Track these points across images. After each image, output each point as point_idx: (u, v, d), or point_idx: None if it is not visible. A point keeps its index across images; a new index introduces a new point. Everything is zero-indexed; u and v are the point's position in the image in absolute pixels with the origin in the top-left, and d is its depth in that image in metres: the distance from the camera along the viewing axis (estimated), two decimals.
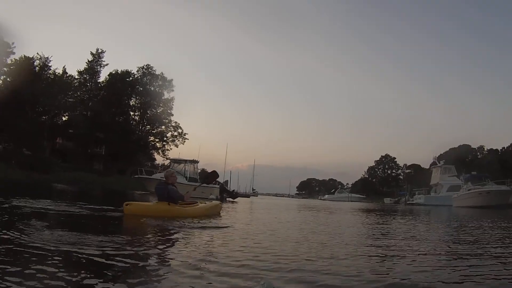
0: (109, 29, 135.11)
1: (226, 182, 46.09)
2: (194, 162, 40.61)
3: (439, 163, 59.70)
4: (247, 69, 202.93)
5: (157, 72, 61.25)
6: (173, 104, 62.08)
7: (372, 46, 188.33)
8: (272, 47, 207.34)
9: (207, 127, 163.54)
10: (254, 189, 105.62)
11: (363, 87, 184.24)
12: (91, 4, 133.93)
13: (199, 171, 43.96)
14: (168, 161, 43.31)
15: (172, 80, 61.83)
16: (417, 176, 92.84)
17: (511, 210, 32.13)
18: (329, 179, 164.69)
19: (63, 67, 52.74)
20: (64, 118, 55.23)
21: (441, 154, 66.76)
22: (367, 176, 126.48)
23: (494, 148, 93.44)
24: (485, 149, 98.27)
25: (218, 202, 14.24)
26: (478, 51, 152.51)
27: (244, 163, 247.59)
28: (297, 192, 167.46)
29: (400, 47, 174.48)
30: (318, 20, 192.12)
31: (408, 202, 60.43)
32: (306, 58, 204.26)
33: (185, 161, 39.72)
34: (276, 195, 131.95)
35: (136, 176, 36.98)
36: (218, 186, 34.80)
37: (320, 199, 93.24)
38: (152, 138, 61.86)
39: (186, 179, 36.76)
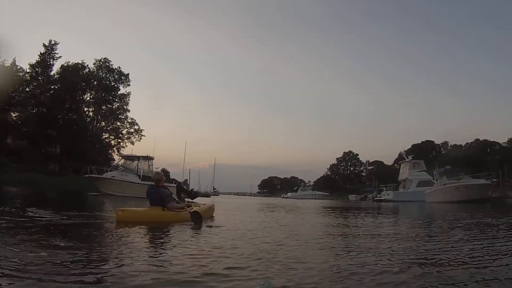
0: (65, 21, 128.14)
1: (186, 181, 43.35)
2: (149, 159, 36.88)
3: (408, 158, 58.47)
4: (209, 66, 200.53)
5: (115, 66, 58.66)
6: (129, 100, 60.09)
7: (335, 44, 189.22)
8: (237, 45, 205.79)
9: (166, 124, 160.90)
10: (215, 188, 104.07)
11: (325, 86, 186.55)
12: None
13: (159, 169, 40.72)
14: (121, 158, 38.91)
15: (128, 74, 59.93)
16: (380, 172, 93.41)
17: (494, 204, 31.36)
18: (290, 177, 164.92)
19: (13, 59, 48.26)
20: (13, 115, 50.63)
21: (404, 151, 66.00)
22: (329, 174, 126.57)
23: (458, 144, 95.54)
24: (449, 145, 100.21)
25: (211, 204, 13.27)
26: (440, 48, 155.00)
27: (205, 163, 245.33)
28: (259, 190, 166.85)
29: (364, 45, 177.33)
30: (282, 19, 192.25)
31: (376, 198, 59.27)
32: (270, 57, 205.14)
33: (139, 157, 36.08)
34: (238, 194, 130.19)
35: (87, 175, 33.58)
36: (175, 185, 32.01)
37: (283, 197, 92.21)
38: (106, 135, 58.88)
39: (140, 178, 33.85)
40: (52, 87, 52.54)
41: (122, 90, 60.26)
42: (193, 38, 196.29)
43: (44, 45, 51.60)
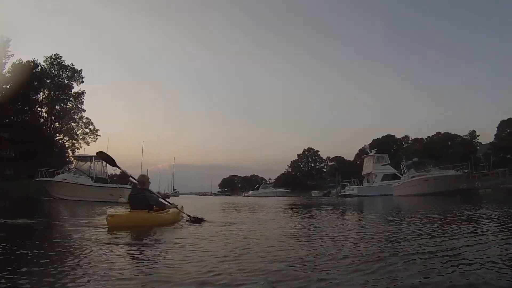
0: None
1: None
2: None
3: (371, 152, 57.23)
4: (167, 66, 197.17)
5: (67, 63, 55.76)
6: (83, 99, 57.20)
7: (293, 40, 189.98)
8: (197, 45, 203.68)
9: (122, 125, 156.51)
10: (175, 189, 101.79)
11: (285, 84, 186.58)
12: None
13: (114, 172, 38.03)
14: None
15: (81, 70, 57.27)
16: (341, 168, 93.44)
17: (466, 196, 30.68)
18: (251, 175, 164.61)
19: None
20: None
21: (367, 145, 65.55)
22: (290, 170, 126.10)
23: (419, 137, 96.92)
24: (410, 139, 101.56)
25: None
26: (401, 43, 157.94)
27: (165, 163, 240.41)
28: (220, 190, 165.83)
29: (324, 41, 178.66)
30: (239, 15, 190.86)
31: (340, 194, 58.39)
32: (229, 55, 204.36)
33: (91, 157, 33.11)
34: (198, 194, 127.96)
35: (38, 179, 30.89)
36: (131, 187, 29.77)
37: (244, 196, 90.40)
38: (61, 136, 55.69)
39: (92, 180, 31.51)
40: (4, 86, 49.83)
41: (76, 88, 58.33)
42: (144, 33, 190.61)
43: None
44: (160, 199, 9.77)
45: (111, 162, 11.22)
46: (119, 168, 11.52)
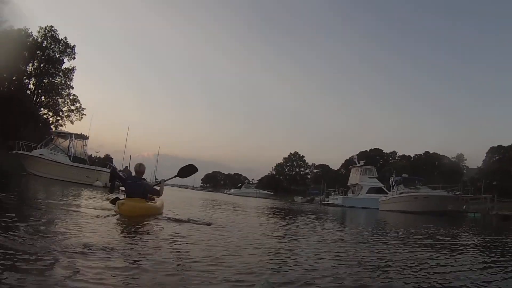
0: None
1: (126, 168, 39.94)
2: (83, 138, 33.12)
3: (359, 163, 55.91)
4: (174, 57, 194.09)
5: (61, 37, 54.24)
6: (73, 75, 55.45)
7: (307, 49, 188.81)
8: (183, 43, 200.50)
9: (110, 109, 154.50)
10: (157, 179, 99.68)
11: (285, 88, 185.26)
12: None
13: (97, 154, 36.59)
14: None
15: (74, 46, 55.44)
16: (326, 176, 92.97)
17: (454, 218, 29.84)
18: (234, 173, 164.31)
19: None
20: None
21: (355, 155, 64.99)
22: (274, 173, 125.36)
23: (407, 154, 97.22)
24: (398, 155, 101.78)
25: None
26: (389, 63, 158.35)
27: (150, 152, 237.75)
28: (202, 184, 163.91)
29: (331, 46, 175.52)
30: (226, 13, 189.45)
31: (323, 202, 57.54)
32: (230, 55, 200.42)
33: (71, 135, 32.30)
34: (180, 186, 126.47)
35: (14, 151, 29.55)
36: (109, 171, 28.45)
37: (226, 193, 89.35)
38: (45, 111, 53.99)
39: (70, 159, 30.24)
40: None
41: (67, 63, 56.45)
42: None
43: None
44: (154, 187, 9.81)
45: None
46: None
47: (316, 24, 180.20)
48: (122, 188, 25.98)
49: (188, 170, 11.08)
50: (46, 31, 54.14)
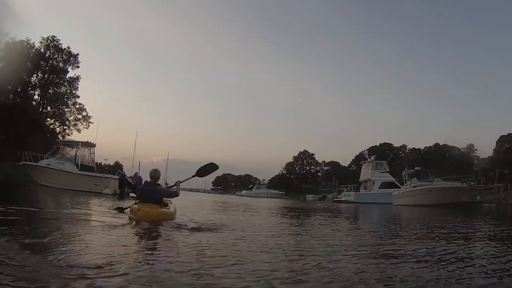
0: None
1: (136, 174, 39.97)
2: (90, 145, 32.77)
3: (370, 158, 55.37)
4: (181, 63, 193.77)
5: (64, 46, 54.37)
6: (78, 84, 55.46)
7: (307, 49, 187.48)
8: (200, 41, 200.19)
9: (116, 116, 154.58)
10: (167, 183, 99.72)
11: (291, 87, 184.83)
12: None
13: (106, 162, 36.40)
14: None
15: (77, 54, 55.60)
16: (336, 173, 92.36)
17: (470, 210, 29.24)
18: (245, 174, 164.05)
19: None
20: None
21: (365, 151, 64.45)
22: (285, 172, 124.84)
23: (417, 147, 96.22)
24: (407, 148, 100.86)
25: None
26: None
27: (159, 157, 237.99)
28: (213, 187, 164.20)
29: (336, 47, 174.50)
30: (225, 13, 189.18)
31: (335, 199, 57.06)
32: (233, 55, 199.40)
33: (78, 143, 32.03)
34: (191, 190, 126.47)
35: (21, 163, 29.47)
36: (118, 178, 28.16)
37: (238, 195, 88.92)
38: (52, 121, 54.10)
39: (77, 167, 30.04)
40: None
41: (71, 72, 56.61)
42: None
43: None
44: (168, 190, 9.72)
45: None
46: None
47: (316, 24, 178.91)
48: (132, 194, 26.03)
49: (207, 169, 10.85)
50: (49, 41, 54.29)
